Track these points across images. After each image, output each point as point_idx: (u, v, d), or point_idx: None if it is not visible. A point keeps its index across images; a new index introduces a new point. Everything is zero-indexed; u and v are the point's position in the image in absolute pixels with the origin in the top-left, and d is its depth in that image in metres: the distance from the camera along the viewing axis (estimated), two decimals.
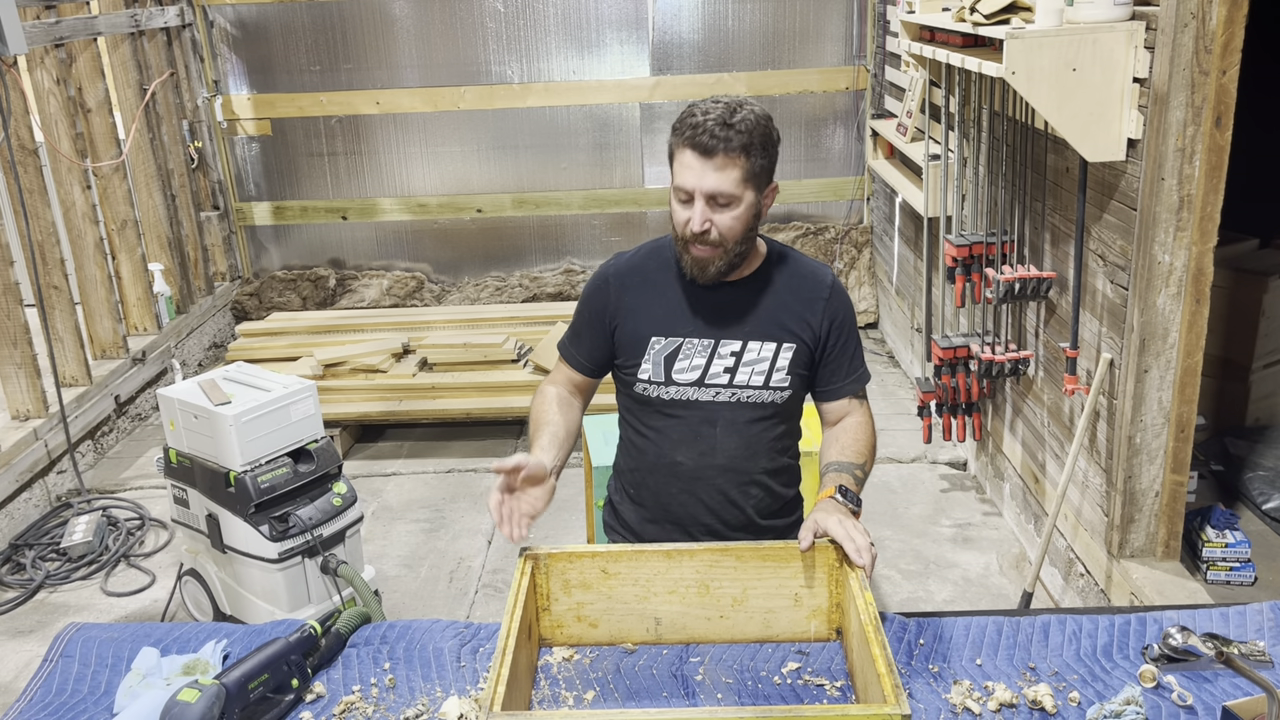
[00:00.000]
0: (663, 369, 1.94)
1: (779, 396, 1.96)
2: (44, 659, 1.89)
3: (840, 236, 5.96)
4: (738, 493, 2.00)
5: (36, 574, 3.73)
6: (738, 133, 1.78)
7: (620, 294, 1.98)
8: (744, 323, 1.94)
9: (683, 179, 1.81)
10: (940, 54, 3.34)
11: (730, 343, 1.94)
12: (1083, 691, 1.68)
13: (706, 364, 1.94)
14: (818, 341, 1.98)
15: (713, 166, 1.78)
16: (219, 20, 5.80)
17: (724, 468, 1.98)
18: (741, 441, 1.97)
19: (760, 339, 1.94)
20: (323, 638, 1.82)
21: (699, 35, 5.73)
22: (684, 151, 1.80)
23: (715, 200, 1.81)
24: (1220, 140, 2.56)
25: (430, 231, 6.11)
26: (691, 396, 1.95)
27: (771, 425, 1.99)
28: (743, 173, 1.80)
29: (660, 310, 1.95)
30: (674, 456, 1.98)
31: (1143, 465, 2.86)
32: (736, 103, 1.81)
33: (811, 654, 1.80)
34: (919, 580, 3.54)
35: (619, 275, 2.00)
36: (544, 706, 1.69)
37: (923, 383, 3.88)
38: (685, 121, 1.81)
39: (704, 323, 1.94)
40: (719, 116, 1.78)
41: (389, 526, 4.04)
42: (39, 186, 4.38)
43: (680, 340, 1.94)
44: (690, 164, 1.79)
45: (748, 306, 1.95)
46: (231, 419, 2.94)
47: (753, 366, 1.94)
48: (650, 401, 1.97)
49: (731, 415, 1.96)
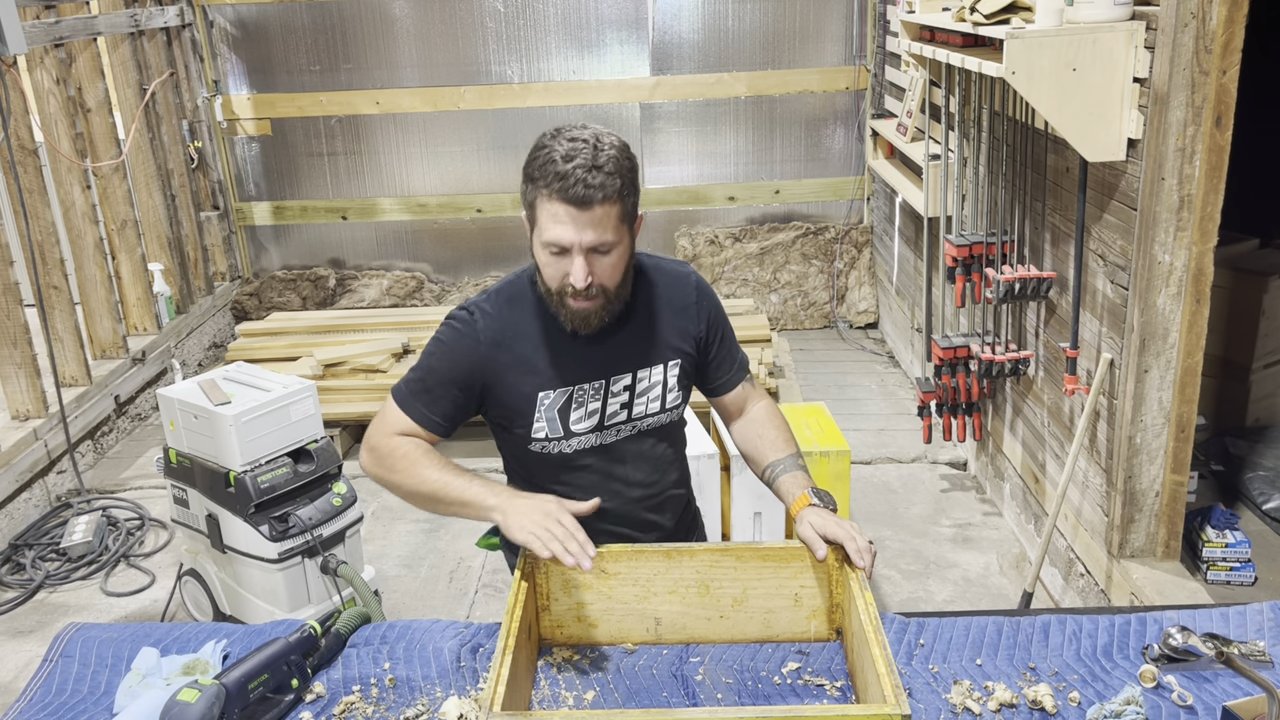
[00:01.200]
0: (559, 423, 1.83)
1: (675, 414, 1.93)
2: (44, 659, 1.89)
3: (840, 236, 5.96)
4: (655, 514, 1.98)
5: (36, 574, 3.73)
6: (609, 175, 1.65)
7: (492, 352, 1.81)
8: (627, 354, 1.85)
9: (556, 235, 1.66)
10: (940, 54, 3.34)
11: (620, 378, 1.85)
12: (1083, 691, 1.68)
13: (602, 406, 1.84)
14: (699, 346, 1.93)
15: (589, 219, 1.65)
16: (219, 20, 5.80)
17: (640, 498, 1.94)
18: (650, 468, 1.93)
19: (648, 365, 1.87)
20: (323, 638, 1.82)
21: (699, 35, 5.73)
22: (553, 204, 1.65)
23: (595, 250, 1.68)
24: (1220, 140, 2.56)
25: (430, 231, 6.11)
26: (594, 443, 1.86)
27: (669, 443, 1.98)
28: (619, 216, 1.69)
29: (540, 363, 1.81)
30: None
31: (1143, 465, 2.86)
32: (593, 137, 1.67)
33: (811, 654, 1.80)
34: (919, 580, 3.54)
35: (489, 336, 1.81)
36: (544, 706, 1.69)
37: (923, 383, 3.88)
38: (546, 170, 1.64)
39: (588, 366, 1.83)
40: (586, 160, 1.63)
41: (389, 526, 4.04)
42: (39, 186, 4.38)
43: (570, 389, 1.82)
44: (563, 218, 1.65)
45: (628, 337, 1.85)
46: (231, 419, 2.94)
47: (647, 395, 1.87)
48: (550, 459, 1.86)
49: (636, 448, 1.90)
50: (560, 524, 1.65)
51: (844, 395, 5.04)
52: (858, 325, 6.04)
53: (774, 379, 4.66)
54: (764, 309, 5.95)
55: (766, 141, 5.90)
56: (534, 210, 1.71)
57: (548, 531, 1.64)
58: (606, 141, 1.69)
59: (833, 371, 5.38)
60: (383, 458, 1.84)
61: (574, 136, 1.68)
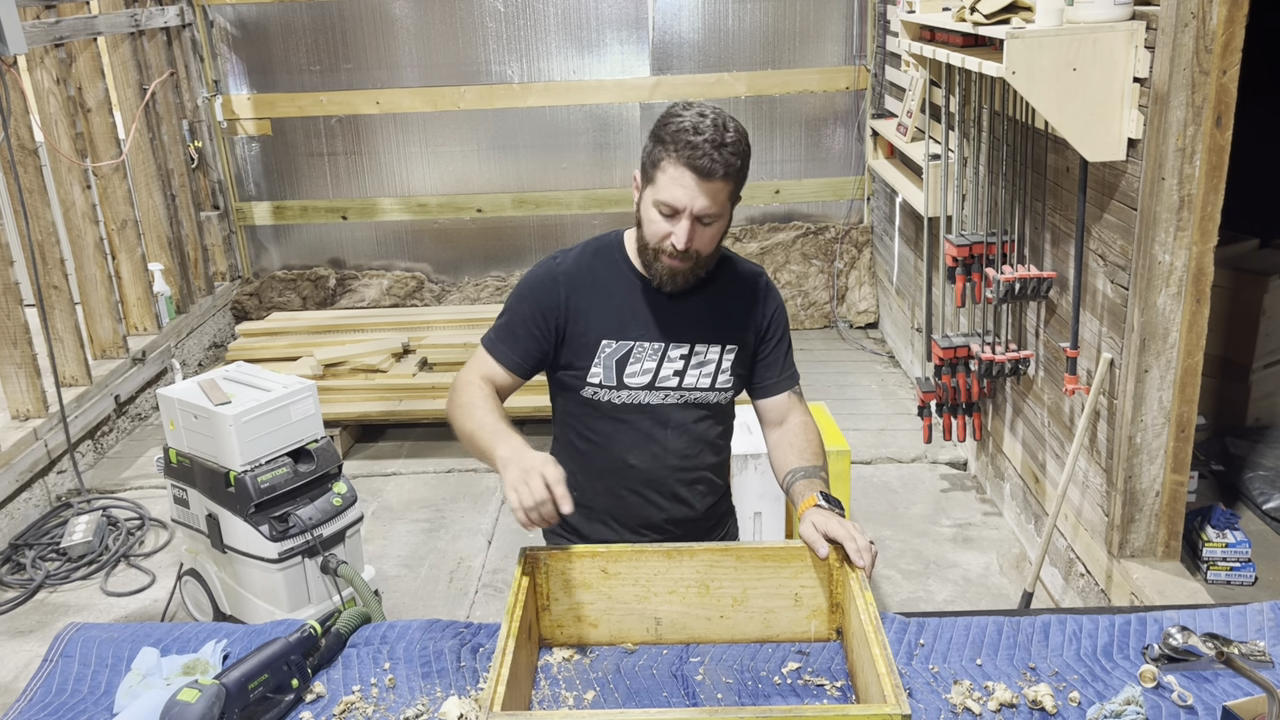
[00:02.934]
0: (614, 373, 1.93)
1: (723, 397, 2.00)
2: (44, 659, 1.89)
3: (840, 236, 5.96)
4: (686, 490, 2.03)
5: (36, 574, 3.73)
6: (732, 154, 1.77)
7: (569, 295, 1.94)
8: (691, 326, 1.95)
9: (673, 195, 1.78)
10: (940, 54, 3.34)
11: (679, 345, 1.95)
12: (1083, 691, 1.68)
13: (657, 367, 1.94)
14: (756, 341, 2.02)
15: (707, 189, 1.77)
16: (219, 20, 5.80)
17: (675, 467, 2.00)
18: (690, 440, 2.00)
19: (707, 342, 1.96)
20: (323, 638, 1.82)
21: (699, 35, 5.73)
22: (679, 169, 1.77)
23: (701, 219, 1.81)
24: (1220, 140, 2.56)
25: (430, 231, 6.11)
26: (643, 400, 1.95)
27: (714, 423, 2.04)
28: (730, 193, 1.82)
29: (610, 313, 1.93)
30: (626, 459, 1.99)
31: (1143, 465, 2.86)
32: (722, 118, 1.80)
33: (811, 654, 1.80)
34: (919, 580, 3.54)
35: (568, 276, 1.95)
36: (544, 706, 1.69)
37: (923, 383, 3.88)
38: (678, 137, 1.77)
39: (653, 326, 1.94)
40: (713, 137, 1.76)
41: (389, 526, 4.04)
42: (39, 186, 4.38)
43: (631, 344, 1.93)
44: (685, 183, 1.77)
45: (695, 310, 1.96)
46: (231, 419, 2.94)
47: (700, 369, 1.96)
48: (599, 406, 1.96)
49: (681, 416, 1.98)
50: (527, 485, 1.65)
51: (844, 395, 5.04)
52: (858, 325, 6.04)
53: None
54: None
55: (767, 141, 5.90)
56: (656, 169, 1.81)
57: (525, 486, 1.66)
58: (732, 125, 1.81)
59: (833, 371, 5.38)
60: (456, 392, 1.95)
61: (704, 113, 1.79)
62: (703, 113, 1.79)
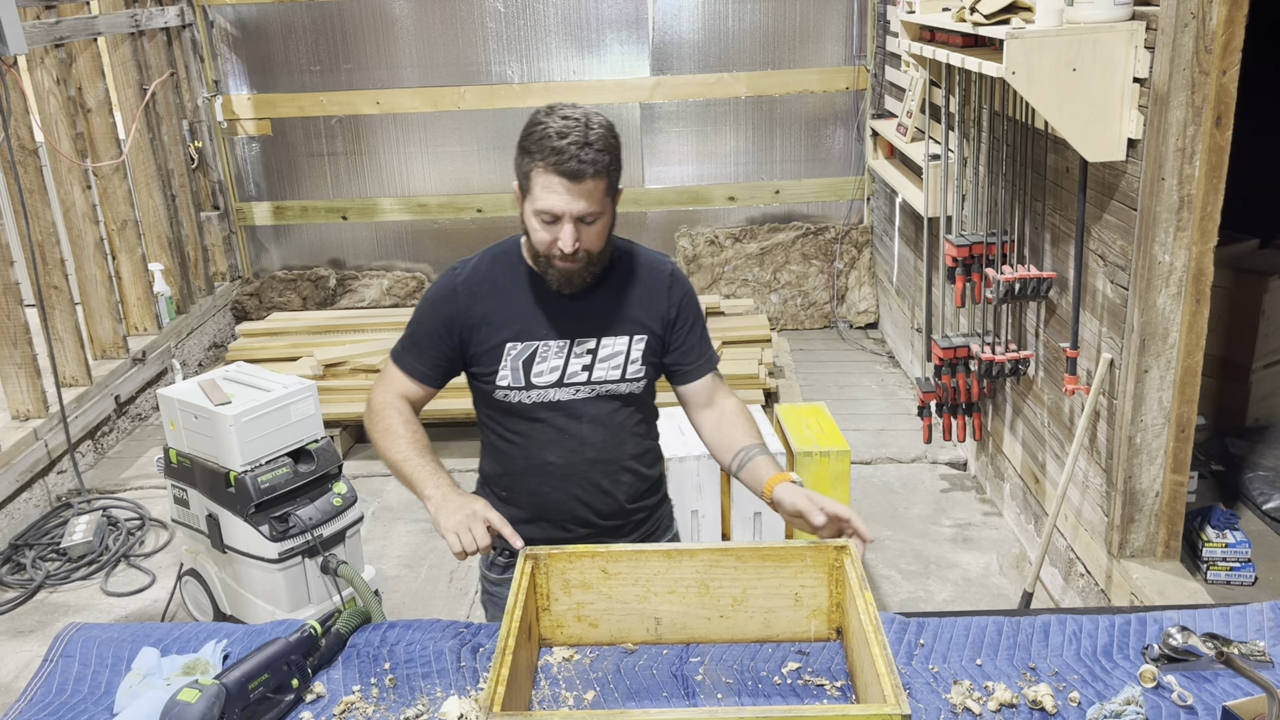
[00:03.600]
0: (522, 374, 1.96)
1: (636, 386, 2.02)
2: (44, 659, 1.89)
3: (840, 236, 5.96)
4: (609, 482, 2.04)
5: (36, 574, 3.73)
6: (599, 152, 1.79)
7: (470, 303, 1.96)
8: (595, 320, 1.97)
9: (549, 204, 1.81)
10: (940, 54, 3.34)
11: (585, 341, 1.97)
12: (1083, 691, 1.68)
13: (564, 364, 1.97)
14: (666, 328, 2.04)
15: (581, 191, 1.80)
16: (219, 20, 5.80)
17: (594, 460, 2.02)
18: (607, 433, 2.01)
19: (613, 334, 1.98)
20: (323, 638, 1.82)
21: (699, 35, 5.73)
22: (549, 177, 1.80)
23: (582, 220, 1.83)
24: (1220, 140, 2.56)
25: (430, 231, 6.11)
26: (553, 398, 1.97)
27: (632, 413, 2.05)
28: (605, 189, 1.84)
29: (512, 317, 1.96)
30: (544, 458, 2.00)
31: (1143, 465, 2.86)
32: (585, 116, 1.82)
33: (811, 654, 1.80)
34: (919, 580, 3.54)
35: (467, 285, 1.98)
36: (544, 706, 1.69)
37: (923, 383, 3.88)
38: (543, 145, 1.79)
39: (556, 325, 1.96)
40: (578, 139, 1.78)
41: (389, 526, 4.04)
42: (39, 186, 4.38)
43: (535, 344, 1.96)
44: (558, 190, 1.80)
45: (598, 304, 1.98)
46: (231, 419, 2.94)
47: (609, 361, 1.98)
48: (512, 407, 1.98)
49: (594, 410, 2.00)
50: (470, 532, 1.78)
51: (844, 395, 5.04)
52: (858, 325, 6.04)
53: (774, 379, 4.66)
54: (764, 309, 5.95)
55: (766, 141, 5.90)
56: (529, 180, 1.84)
57: (469, 533, 1.78)
58: (596, 121, 1.83)
59: (833, 371, 5.38)
60: (373, 415, 2.01)
61: (566, 115, 1.82)
62: (565, 115, 1.81)
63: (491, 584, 2.11)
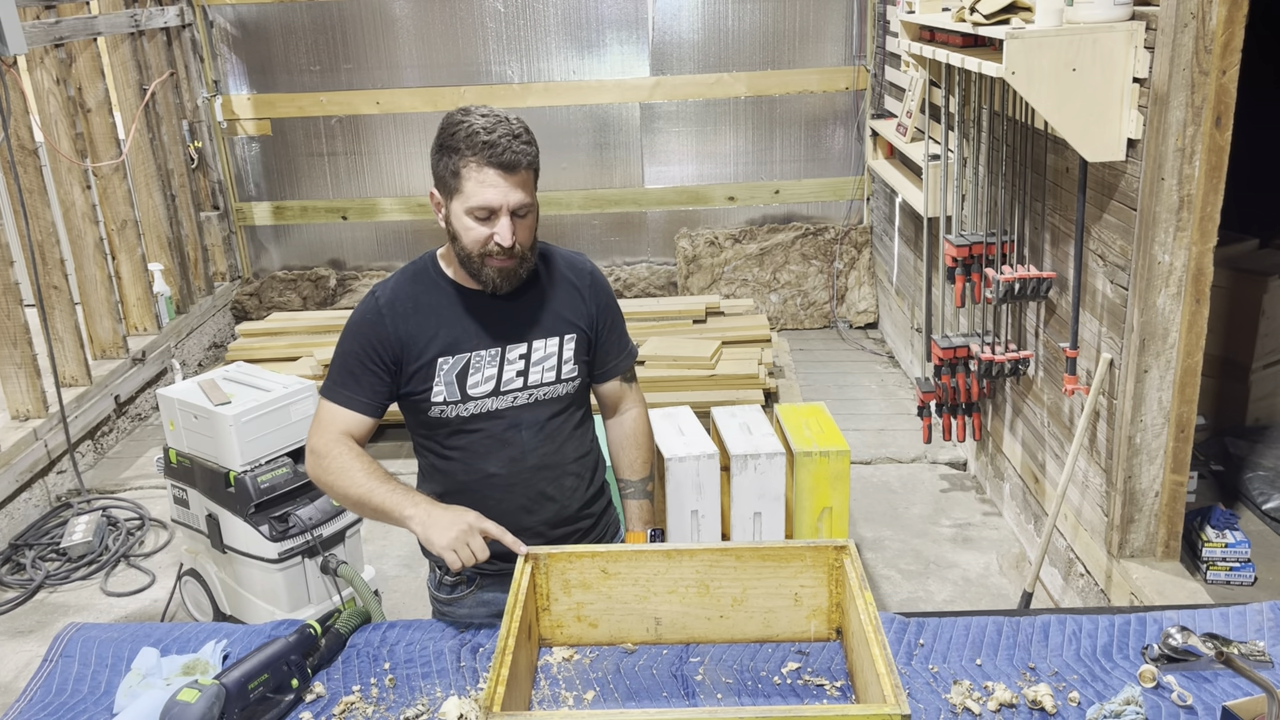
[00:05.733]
0: (456, 387, 1.94)
1: (572, 386, 2.02)
2: (44, 659, 1.89)
3: (840, 236, 5.96)
4: (554, 488, 2.03)
5: (36, 574, 3.73)
6: (526, 144, 1.83)
7: (396, 323, 1.93)
8: (524, 324, 1.97)
9: (486, 198, 1.81)
10: (940, 54, 3.34)
11: (516, 346, 1.96)
12: (1083, 691, 1.68)
13: (498, 372, 1.95)
14: (592, 326, 2.05)
15: (516, 182, 1.82)
16: (219, 20, 5.80)
17: (536, 467, 2.00)
18: (547, 437, 2.01)
19: (544, 336, 1.98)
20: (323, 638, 1.82)
21: (699, 35, 5.73)
22: (483, 171, 1.80)
23: (516, 213, 1.84)
24: (1220, 140, 2.56)
25: (430, 231, 6.11)
26: (490, 407, 1.95)
27: (569, 415, 2.04)
28: (533, 182, 1.87)
29: (440, 331, 1.93)
30: (485, 469, 1.98)
31: (1143, 465, 2.86)
32: (503, 114, 1.85)
33: (811, 654, 1.80)
34: (919, 580, 3.54)
35: (390, 307, 1.94)
36: (544, 706, 1.69)
37: (923, 383, 3.88)
38: (472, 140, 1.80)
39: (486, 333, 1.95)
40: (507, 131, 1.80)
41: (389, 527, 4.02)
42: (39, 186, 4.38)
43: (468, 355, 1.94)
44: (494, 182, 1.81)
45: (525, 308, 1.97)
46: (231, 419, 2.94)
47: (543, 364, 1.98)
48: (449, 422, 1.96)
49: (532, 416, 1.99)
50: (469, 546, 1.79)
51: (844, 395, 5.04)
52: (858, 325, 6.04)
53: (774, 379, 4.66)
54: (764, 309, 5.95)
55: (766, 142, 5.90)
56: (458, 179, 1.83)
57: (466, 548, 1.79)
58: (515, 118, 1.86)
59: (833, 371, 5.38)
60: (320, 459, 1.94)
61: (485, 113, 1.84)
62: (485, 113, 1.83)
63: (441, 604, 2.05)
